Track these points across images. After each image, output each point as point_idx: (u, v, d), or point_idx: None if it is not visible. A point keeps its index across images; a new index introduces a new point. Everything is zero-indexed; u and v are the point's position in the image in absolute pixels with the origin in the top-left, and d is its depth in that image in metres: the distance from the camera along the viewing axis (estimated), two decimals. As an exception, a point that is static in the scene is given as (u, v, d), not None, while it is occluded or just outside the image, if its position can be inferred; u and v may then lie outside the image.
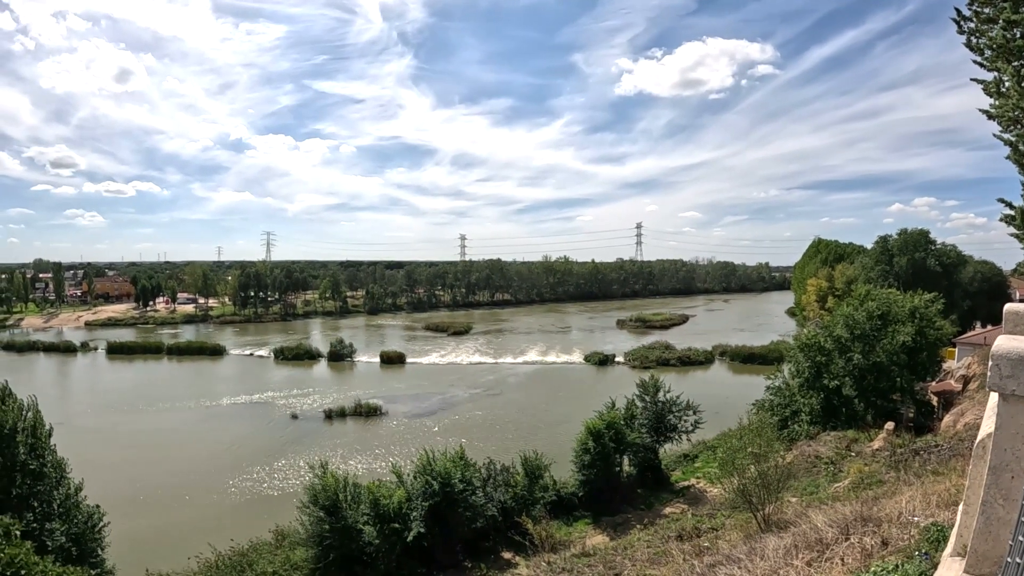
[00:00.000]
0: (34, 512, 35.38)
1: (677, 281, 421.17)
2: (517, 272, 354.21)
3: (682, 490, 57.34)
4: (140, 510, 60.52)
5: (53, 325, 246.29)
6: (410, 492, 44.37)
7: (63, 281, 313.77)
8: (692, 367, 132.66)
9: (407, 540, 42.04)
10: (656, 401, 62.35)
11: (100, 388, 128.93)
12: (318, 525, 43.24)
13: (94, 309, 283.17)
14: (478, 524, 45.24)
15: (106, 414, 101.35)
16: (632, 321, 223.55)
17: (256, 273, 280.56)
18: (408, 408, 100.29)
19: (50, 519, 36.02)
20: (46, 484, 37.08)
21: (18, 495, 35.36)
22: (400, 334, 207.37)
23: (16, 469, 35.74)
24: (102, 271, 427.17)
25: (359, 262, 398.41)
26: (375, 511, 43.29)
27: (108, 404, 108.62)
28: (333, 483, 43.99)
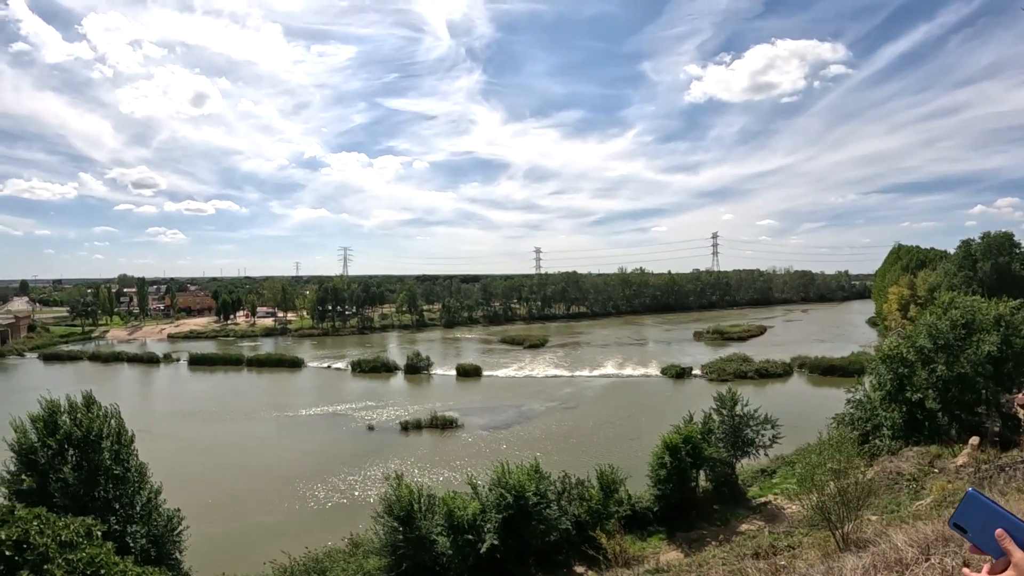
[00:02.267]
0: (116, 514, 36.49)
1: (754, 291, 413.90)
2: (593, 284, 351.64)
3: (759, 506, 56.25)
4: (218, 515, 61.60)
5: (137, 337, 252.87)
6: (484, 504, 44.42)
7: (147, 295, 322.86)
8: (770, 379, 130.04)
9: (480, 552, 42.08)
10: (733, 415, 61.32)
11: (181, 397, 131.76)
12: (392, 535, 43.56)
13: (176, 322, 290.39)
14: (551, 537, 44.98)
15: (187, 422, 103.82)
16: (709, 333, 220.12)
17: (334, 287, 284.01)
18: (484, 421, 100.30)
19: (131, 521, 37.04)
20: (128, 488, 38.16)
21: (101, 498, 36.48)
22: (476, 347, 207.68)
23: (100, 473, 36.89)
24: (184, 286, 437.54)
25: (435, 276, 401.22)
26: (449, 522, 43.42)
27: (189, 413, 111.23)
28: (408, 494, 44.23)
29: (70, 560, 24.58)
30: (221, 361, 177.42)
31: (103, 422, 38.62)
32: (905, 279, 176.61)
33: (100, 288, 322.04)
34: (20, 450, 37.19)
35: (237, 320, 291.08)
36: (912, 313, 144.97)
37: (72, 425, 37.46)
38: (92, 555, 25.24)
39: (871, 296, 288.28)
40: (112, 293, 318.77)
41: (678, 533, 50.70)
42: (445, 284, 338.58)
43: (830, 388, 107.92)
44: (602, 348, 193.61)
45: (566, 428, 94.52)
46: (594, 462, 56.38)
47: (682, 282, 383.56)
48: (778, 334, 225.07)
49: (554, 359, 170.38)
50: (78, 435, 37.23)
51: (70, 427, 37.37)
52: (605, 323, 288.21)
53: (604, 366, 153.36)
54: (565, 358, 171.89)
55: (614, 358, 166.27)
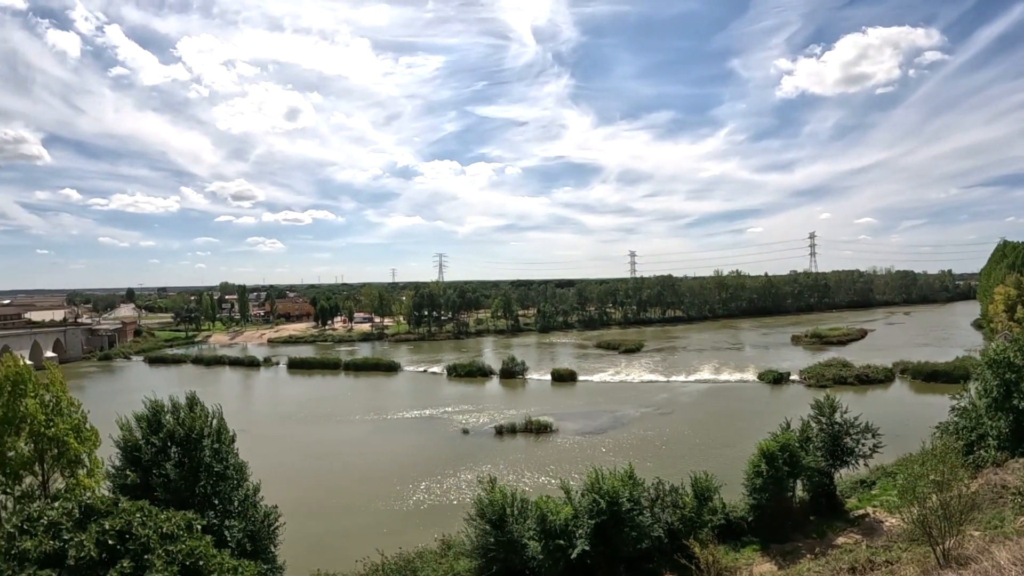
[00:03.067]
0: (215, 509, 37.73)
1: (853, 293, 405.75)
2: (688, 288, 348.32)
3: (857, 519, 54.79)
4: (314, 513, 62.96)
5: (238, 342, 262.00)
6: (577, 509, 44.28)
7: (247, 302, 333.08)
8: (870, 385, 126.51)
9: (571, 557, 41.96)
10: (832, 422, 59.84)
11: (280, 400, 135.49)
12: (484, 538, 43.82)
13: (276, 327, 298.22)
14: (643, 545, 44.56)
15: (286, 424, 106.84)
16: (807, 336, 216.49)
17: (429, 293, 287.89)
18: (578, 426, 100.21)
19: (229, 516, 38.14)
20: (227, 485, 39.31)
21: (201, 493, 37.65)
22: (571, 352, 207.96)
23: (200, 470, 38.06)
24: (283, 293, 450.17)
25: (530, 281, 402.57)
26: (541, 526, 43.39)
27: (288, 414, 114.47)
28: (501, 498, 44.46)
29: (170, 551, 25.57)
30: (319, 365, 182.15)
31: (204, 422, 39.90)
32: (1012, 278, 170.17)
33: (203, 295, 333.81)
34: (125, 447, 38.69)
35: (335, 325, 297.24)
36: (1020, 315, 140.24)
37: (175, 424, 38.78)
38: (191, 547, 26.19)
39: (976, 297, 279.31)
40: (214, 300, 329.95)
41: (772, 545, 49.76)
42: (540, 289, 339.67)
43: (933, 395, 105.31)
44: (698, 352, 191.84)
45: (661, 434, 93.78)
46: (688, 469, 55.76)
47: (779, 284, 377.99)
48: (879, 338, 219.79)
49: (649, 364, 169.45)
50: (180, 434, 38.52)
51: (173, 426, 38.69)
52: (701, 327, 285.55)
53: (700, 371, 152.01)
54: (660, 363, 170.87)
55: (710, 363, 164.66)
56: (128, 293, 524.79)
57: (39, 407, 43.90)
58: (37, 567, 24.45)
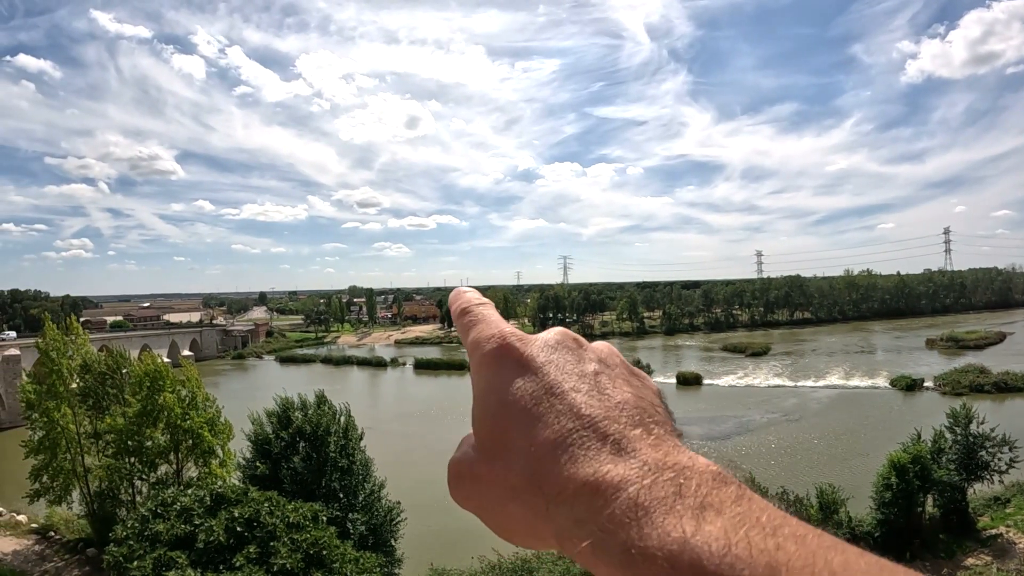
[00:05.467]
0: (340, 502, 39.27)
1: (992, 292, 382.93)
2: (817, 288, 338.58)
3: (989, 539, 52.70)
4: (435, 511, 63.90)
5: (365, 343, 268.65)
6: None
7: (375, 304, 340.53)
8: (1010, 394, 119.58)
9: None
10: (967, 433, 57.94)
11: (407, 398, 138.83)
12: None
13: (403, 329, 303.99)
14: (767, 558, 44.30)
15: (412, 422, 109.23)
16: (942, 340, 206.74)
17: (554, 295, 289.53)
18: (703, 430, 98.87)
19: (353, 510, 39.72)
20: (353, 479, 41.09)
21: (327, 487, 39.31)
22: (697, 354, 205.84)
23: (327, 464, 39.76)
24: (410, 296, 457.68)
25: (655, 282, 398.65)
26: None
27: (413, 414, 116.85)
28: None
29: (295, 539, 27.06)
30: (445, 366, 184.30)
31: (332, 419, 41.67)
32: None
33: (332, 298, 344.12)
34: (256, 440, 41.08)
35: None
36: None
37: (303, 420, 40.65)
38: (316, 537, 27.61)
39: None
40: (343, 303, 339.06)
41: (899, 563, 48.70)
42: (665, 291, 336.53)
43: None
44: (827, 356, 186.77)
45: (788, 441, 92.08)
46: (815, 479, 55.08)
47: (912, 284, 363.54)
48: (1020, 341, 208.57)
49: (777, 368, 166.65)
50: (308, 430, 40.36)
51: (301, 422, 40.57)
52: (830, 329, 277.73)
53: (829, 376, 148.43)
54: (788, 367, 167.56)
55: (840, 367, 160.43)
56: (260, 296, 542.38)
57: (176, 401, 46.85)
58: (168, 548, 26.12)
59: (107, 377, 51.72)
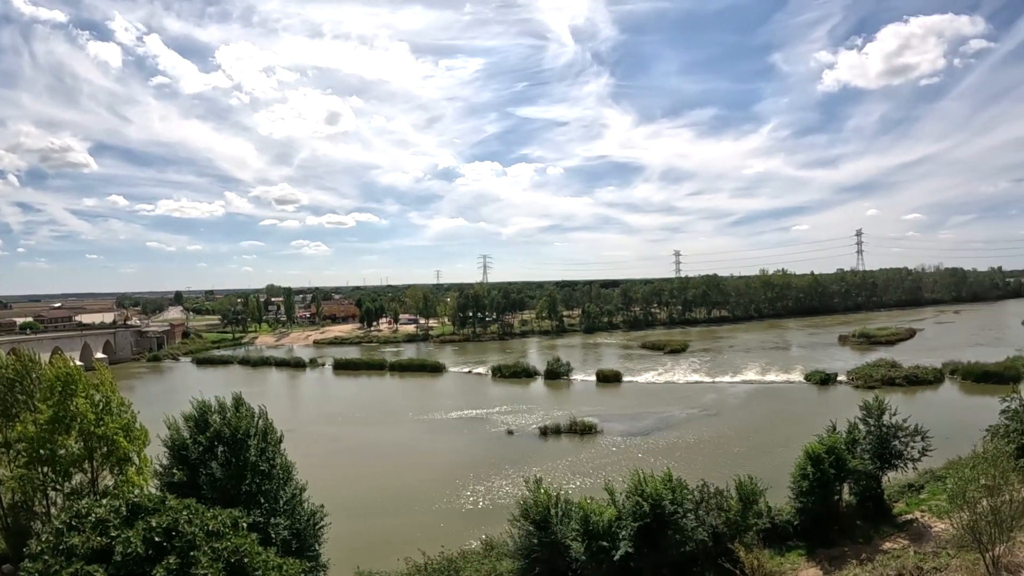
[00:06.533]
0: (261, 508, 38.31)
1: (902, 291, 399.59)
2: (734, 287, 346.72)
3: (905, 524, 53.95)
4: (359, 512, 63.57)
5: (284, 343, 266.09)
6: (620, 511, 44.11)
7: (293, 304, 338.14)
8: (920, 387, 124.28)
9: (614, 559, 41.76)
10: (880, 424, 59.14)
11: (327, 400, 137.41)
12: (527, 539, 43.85)
13: (322, 329, 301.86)
14: (687, 548, 44.17)
15: (332, 424, 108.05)
16: (855, 336, 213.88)
17: (474, 294, 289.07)
18: (624, 427, 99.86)
19: (275, 515, 38.78)
20: (274, 483, 40.05)
21: (247, 492, 38.38)
22: (616, 352, 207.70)
23: (247, 469, 38.78)
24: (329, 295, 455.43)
25: (575, 281, 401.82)
26: (584, 528, 43.17)
27: (334, 415, 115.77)
28: (545, 498, 44.43)
29: (215, 548, 26.22)
30: (364, 366, 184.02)
31: (250, 422, 40.58)
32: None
33: (249, 298, 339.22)
34: (173, 446, 39.58)
35: (380, 327, 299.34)
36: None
37: (221, 424, 39.48)
38: (237, 544, 26.80)
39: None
40: (260, 302, 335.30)
41: (818, 549, 49.20)
42: (584, 289, 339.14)
43: (985, 396, 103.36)
44: (744, 353, 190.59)
45: (707, 436, 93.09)
46: (734, 471, 55.46)
47: (826, 283, 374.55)
48: (928, 337, 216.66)
49: (695, 364, 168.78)
50: (227, 433, 39.22)
51: (219, 425, 39.38)
52: (747, 327, 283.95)
53: (746, 372, 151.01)
54: (706, 363, 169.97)
55: (756, 363, 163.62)
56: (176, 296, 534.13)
57: (89, 407, 44.93)
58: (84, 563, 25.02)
59: (15, 383, 49.58)
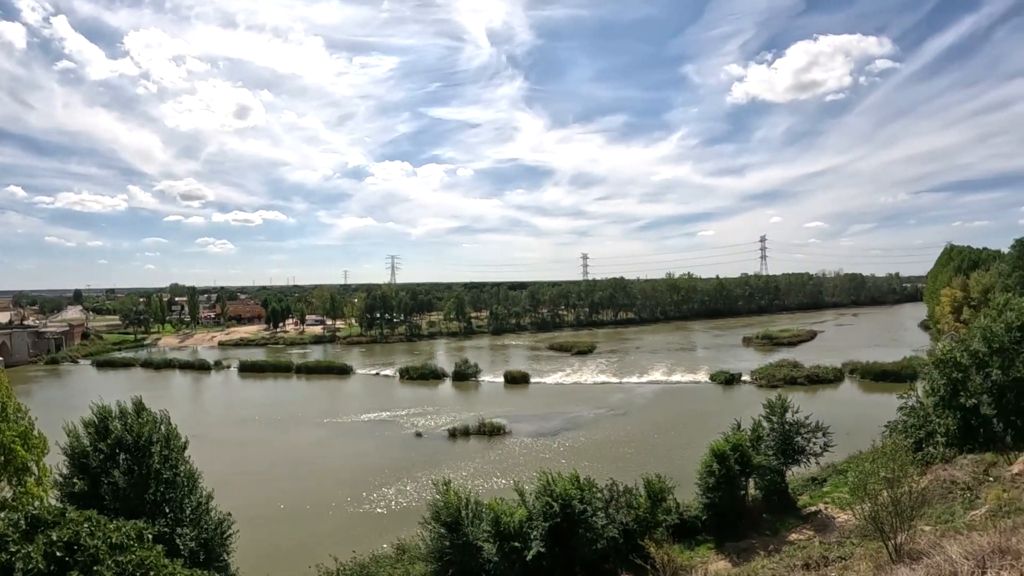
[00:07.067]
0: (167, 518, 37.16)
1: (804, 295, 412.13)
2: (641, 290, 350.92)
3: (809, 515, 55.41)
4: (267, 520, 62.22)
5: (188, 344, 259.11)
6: (531, 511, 44.13)
7: (197, 304, 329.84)
8: (821, 385, 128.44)
9: (527, 559, 41.76)
10: (783, 422, 60.51)
11: (232, 404, 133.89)
12: (439, 541, 43.64)
13: (227, 330, 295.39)
14: (598, 546, 44.48)
15: (238, 429, 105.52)
16: (758, 338, 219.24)
17: (382, 295, 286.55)
18: (532, 428, 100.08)
19: (181, 524, 37.68)
20: (179, 492, 38.88)
21: (152, 501, 37.15)
22: (524, 354, 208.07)
23: (150, 477, 37.58)
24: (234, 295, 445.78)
25: (483, 283, 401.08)
26: (496, 529, 43.15)
27: (240, 419, 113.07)
28: (455, 500, 44.29)
29: (120, 562, 25.08)
30: (271, 368, 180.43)
31: (153, 427, 39.25)
32: (958, 281, 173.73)
33: (152, 297, 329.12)
34: (73, 454, 38.00)
35: (286, 328, 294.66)
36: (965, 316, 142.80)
37: (123, 430, 38.14)
38: (142, 557, 25.72)
39: (923, 299, 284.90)
40: (164, 302, 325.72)
41: (727, 542, 50.11)
42: (492, 291, 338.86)
43: (882, 394, 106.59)
44: (651, 354, 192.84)
45: (615, 435, 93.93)
46: (643, 470, 56.10)
47: (731, 287, 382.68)
48: (829, 339, 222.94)
49: (603, 365, 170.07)
50: (129, 440, 37.90)
51: (121, 432, 38.04)
52: (653, 329, 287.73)
53: (653, 372, 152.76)
54: (613, 364, 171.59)
55: (663, 364, 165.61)
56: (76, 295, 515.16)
57: (-17, 413, 42.85)
58: (-17, 582, 23.87)
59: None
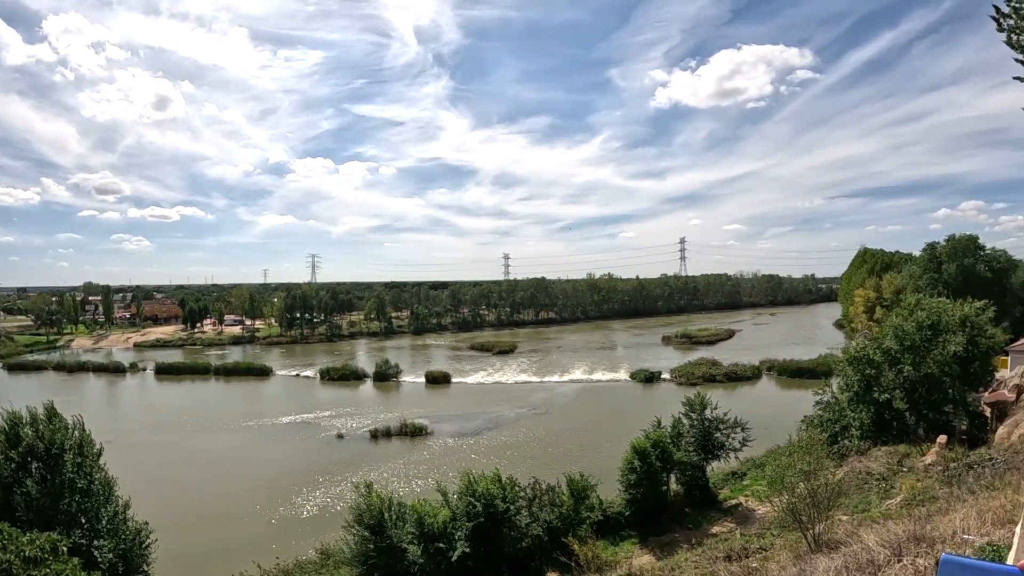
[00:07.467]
0: (82, 528, 36.02)
1: (722, 295, 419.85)
2: (562, 290, 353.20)
3: (730, 509, 56.53)
4: (188, 528, 60.85)
5: (102, 346, 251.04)
6: (454, 512, 44.09)
7: (112, 303, 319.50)
8: (739, 383, 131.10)
9: (452, 560, 41.72)
10: (703, 418, 61.56)
11: (149, 408, 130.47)
12: (363, 544, 43.28)
13: (143, 331, 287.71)
14: (523, 544, 44.68)
15: (156, 433, 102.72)
16: (677, 337, 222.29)
17: (302, 295, 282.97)
18: (454, 428, 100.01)
19: (98, 536, 36.56)
20: (94, 502, 37.71)
21: (66, 512, 35.92)
22: (445, 354, 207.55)
23: (65, 487, 36.31)
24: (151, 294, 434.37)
25: (404, 283, 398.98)
26: (420, 530, 43.04)
27: (158, 424, 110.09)
28: (378, 502, 43.98)
29: None
30: (188, 370, 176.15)
31: (66, 434, 38.05)
32: (871, 282, 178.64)
33: (65, 296, 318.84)
34: (-18, 465, 36.55)
35: (204, 328, 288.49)
36: (878, 315, 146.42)
37: (35, 437, 36.86)
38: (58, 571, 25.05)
39: (837, 299, 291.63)
40: (77, 301, 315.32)
41: (650, 537, 50.74)
42: (414, 291, 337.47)
43: (799, 390, 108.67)
44: (572, 353, 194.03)
45: (537, 434, 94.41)
46: (566, 468, 56.40)
47: (650, 287, 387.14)
48: (746, 337, 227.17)
49: (524, 365, 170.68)
50: (41, 448, 36.63)
51: (33, 439, 36.75)
52: (574, 329, 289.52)
53: (574, 371, 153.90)
54: (535, 364, 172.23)
55: (584, 363, 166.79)
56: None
57: None
58: None
59: None
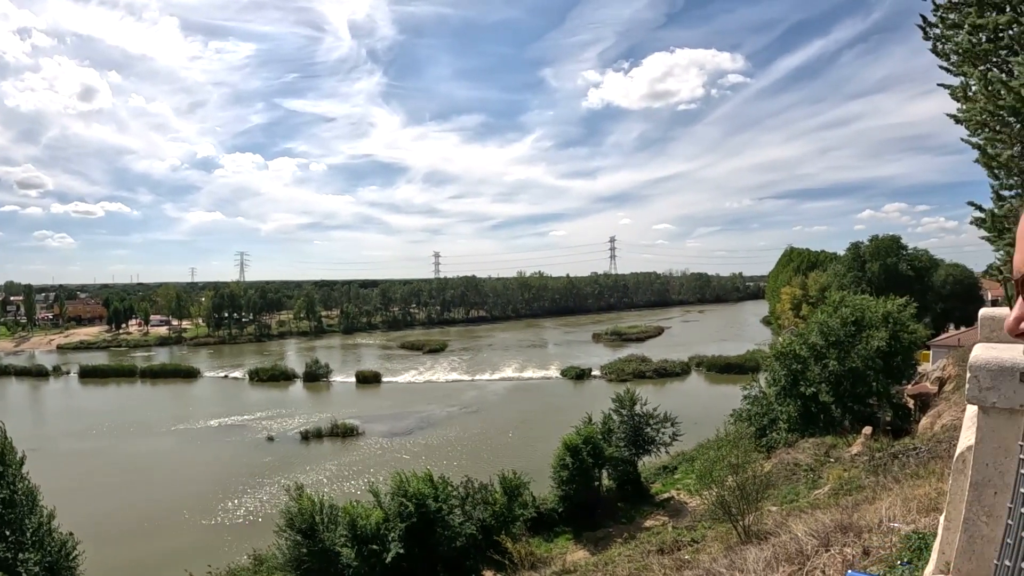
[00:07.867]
0: (6, 542, 34.98)
1: (652, 293, 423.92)
2: (492, 288, 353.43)
3: (662, 502, 57.35)
4: (117, 537, 59.60)
5: (24, 349, 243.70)
6: (387, 513, 43.93)
7: (34, 304, 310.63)
8: (669, 379, 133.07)
9: (386, 561, 41.60)
10: (633, 414, 62.30)
11: (74, 413, 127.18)
12: (295, 549, 42.95)
13: (66, 332, 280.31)
14: (458, 543, 44.76)
15: (81, 439, 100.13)
16: (608, 334, 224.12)
17: (230, 294, 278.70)
18: (385, 428, 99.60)
19: (23, 549, 35.48)
20: (18, 512, 36.55)
21: None
22: (376, 353, 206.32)
23: None
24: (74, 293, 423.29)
25: (334, 281, 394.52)
26: (353, 533, 42.86)
27: (82, 429, 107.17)
28: (310, 505, 43.68)
29: None
30: (114, 373, 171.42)
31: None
32: (797, 280, 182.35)
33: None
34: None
35: (129, 329, 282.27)
36: (804, 312, 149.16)
37: (-46, 447, 35.85)
38: (-19, 586, 24.28)
39: (765, 297, 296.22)
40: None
41: (584, 532, 51.18)
42: (344, 290, 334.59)
43: (727, 385, 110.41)
44: (503, 351, 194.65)
45: (469, 432, 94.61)
46: (498, 466, 56.48)
47: (581, 285, 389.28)
48: (675, 334, 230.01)
49: (455, 363, 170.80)
50: (-40, 458, 35.64)
51: (-48, 450, 35.74)
52: (505, 327, 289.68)
53: (505, 369, 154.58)
54: (466, 362, 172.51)
55: (515, 361, 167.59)
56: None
57: None
58: None
59: None
